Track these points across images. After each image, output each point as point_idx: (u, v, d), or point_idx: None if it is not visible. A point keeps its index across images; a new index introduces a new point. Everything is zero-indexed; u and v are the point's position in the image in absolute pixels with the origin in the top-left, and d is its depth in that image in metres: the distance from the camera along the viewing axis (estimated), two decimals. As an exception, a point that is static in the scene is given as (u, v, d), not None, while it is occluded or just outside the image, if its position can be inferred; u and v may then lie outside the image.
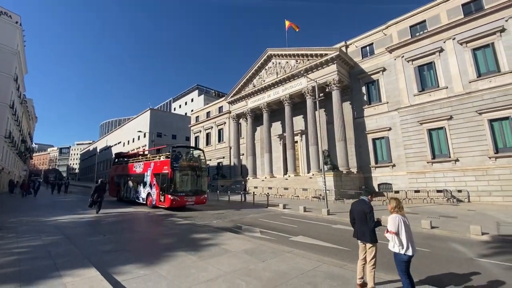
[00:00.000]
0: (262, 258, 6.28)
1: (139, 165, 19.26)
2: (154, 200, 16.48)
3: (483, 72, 18.54)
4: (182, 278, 5.03)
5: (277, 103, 29.81)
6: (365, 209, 4.39)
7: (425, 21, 21.46)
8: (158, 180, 16.40)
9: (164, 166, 16.08)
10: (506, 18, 17.69)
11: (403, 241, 3.81)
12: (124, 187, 20.98)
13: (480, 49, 18.82)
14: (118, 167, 23.23)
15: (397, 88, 22.49)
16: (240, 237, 8.81)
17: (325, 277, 5.03)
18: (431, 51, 20.64)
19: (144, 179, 18.03)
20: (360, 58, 25.56)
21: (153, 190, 16.81)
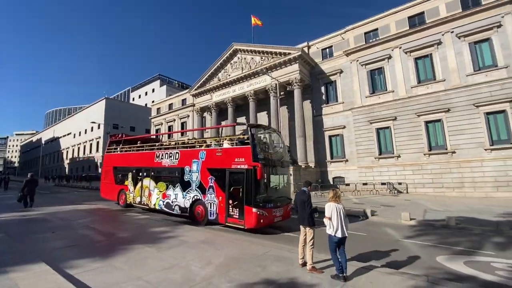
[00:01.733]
0: (218, 247, 6.67)
1: (171, 154, 11.84)
2: (214, 214, 9.59)
3: (422, 79, 21.08)
4: (138, 268, 5.18)
5: (242, 98, 30.13)
6: (304, 198, 5.05)
7: (378, 29, 23.52)
8: (221, 180, 9.59)
9: (238, 157, 9.08)
10: (443, 32, 20.28)
11: (334, 225, 4.52)
12: (135, 187, 13.77)
13: (421, 59, 21.32)
14: (121, 156, 15.45)
15: (351, 89, 24.39)
16: (199, 229, 9.08)
17: (274, 260, 5.62)
18: (382, 58, 22.76)
19: (185, 177, 10.99)
20: (320, 59, 27.03)
21: (210, 197, 9.85)
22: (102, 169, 16.56)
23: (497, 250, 6.86)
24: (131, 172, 14.22)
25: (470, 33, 19.14)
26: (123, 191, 14.72)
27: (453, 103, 19.29)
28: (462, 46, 19.45)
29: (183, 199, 10.96)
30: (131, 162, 14.44)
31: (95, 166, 52.83)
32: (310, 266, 4.88)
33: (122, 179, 15.01)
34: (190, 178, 10.81)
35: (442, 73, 20.10)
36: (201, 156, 10.56)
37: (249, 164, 8.61)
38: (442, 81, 19.98)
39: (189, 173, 10.90)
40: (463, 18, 19.35)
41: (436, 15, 20.68)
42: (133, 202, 13.86)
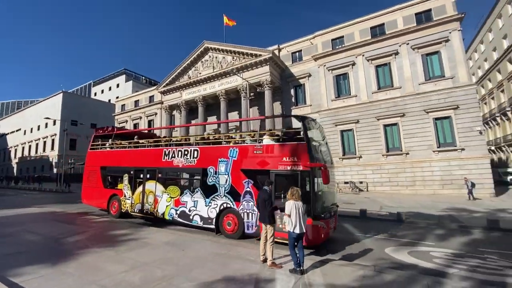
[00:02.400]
0: (182, 247, 6.59)
1: (187, 152, 9.49)
2: (253, 226, 7.60)
3: (382, 85, 22.76)
4: (93, 273, 4.94)
5: (213, 97, 29.84)
6: (265, 197, 5.25)
7: (343, 37, 24.87)
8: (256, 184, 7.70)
9: (288, 156, 7.22)
10: (400, 43, 22.09)
11: (293, 221, 4.76)
12: (134, 192, 11.06)
13: (381, 67, 23.01)
14: (113, 154, 12.44)
15: (319, 93, 25.47)
16: (163, 230, 8.86)
17: (237, 258, 5.73)
18: (346, 64, 24.12)
19: (208, 180, 8.73)
20: (290, 62, 27.80)
21: (247, 205, 7.78)
22: (85, 169, 13.35)
23: (437, 241, 7.72)
24: (128, 173, 11.40)
25: (423, 46, 21.13)
26: (116, 197, 11.66)
27: (408, 108, 21.13)
28: (416, 57, 21.38)
29: (206, 207, 8.63)
30: (127, 161, 11.55)
31: (49, 166, 48.41)
32: (270, 262, 5.07)
33: (114, 182, 12.21)
34: (216, 182, 8.49)
35: (398, 81, 21.90)
36: (232, 154, 8.35)
37: (305, 165, 6.81)
38: (399, 88, 21.76)
39: (214, 175, 8.57)
40: (416, 31, 21.29)
41: (395, 27, 22.48)
42: (131, 210, 10.95)
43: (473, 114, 19.13)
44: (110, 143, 13.06)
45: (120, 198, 11.48)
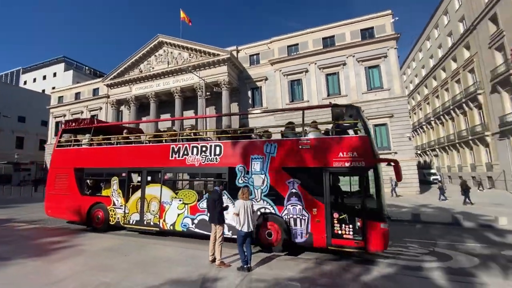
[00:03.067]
0: (125, 253, 6.18)
1: (206, 148, 8.02)
2: (303, 234, 6.45)
3: (331, 93, 24.57)
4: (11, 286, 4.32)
5: (167, 94, 28.50)
6: (215, 198, 5.29)
7: (298, 45, 26.19)
8: (313, 185, 6.66)
9: (345, 151, 6.38)
10: (347, 55, 24.17)
11: (241, 220, 4.88)
12: (128, 199, 8.98)
13: (331, 75, 24.85)
14: (94, 152, 10.06)
15: (274, 96, 26.33)
16: (104, 235, 8.17)
17: (185, 260, 5.62)
18: (300, 70, 25.44)
19: (237, 181, 7.40)
20: (248, 64, 28.16)
21: (293, 209, 6.65)
22: (50, 172, 10.59)
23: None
24: (118, 176, 9.20)
25: (366, 59, 23.47)
26: (99, 206, 9.31)
27: (326, 117, 23.18)
28: (360, 69, 23.64)
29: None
30: (118, 161, 9.29)
31: (-40, 165, 40.30)
32: (218, 262, 5.10)
33: (95, 187, 10.00)
34: (249, 183, 7.20)
35: (345, 89, 23.92)
36: (269, 150, 7.15)
37: (369, 161, 6.12)
38: (345, 96, 23.77)
39: (245, 175, 7.28)
40: (361, 46, 23.55)
41: (343, 40, 24.51)
42: (124, 221, 8.75)
43: (405, 122, 21.96)
44: (89, 138, 10.32)
45: (106, 208, 9.09)
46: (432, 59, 35.52)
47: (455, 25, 28.68)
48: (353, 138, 6.53)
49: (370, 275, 4.88)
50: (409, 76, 45.65)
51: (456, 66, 29.01)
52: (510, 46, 20.40)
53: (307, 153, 6.70)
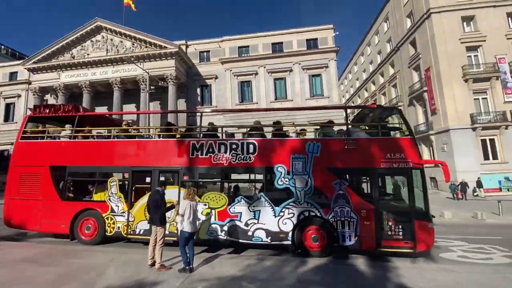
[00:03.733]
0: (48, 263, 5.44)
1: (237, 146, 7.15)
2: (351, 237, 6.34)
3: (278, 96, 25.76)
4: None
5: (105, 85, 25.76)
6: (157, 198, 5.10)
7: (249, 47, 26.71)
8: (361, 186, 7.40)
9: (393, 152, 6.49)
10: (293, 62, 25.66)
11: (186, 221, 4.81)
12: (133, 204, 7.42)
13: (279, 80, 26.04)
14: (81, 147, 8.12)
15: (224, 95, 26.30)
16: (22, 244, 7.04)
17: (121, 266, 5.24)
18: (250, 72, 26.00)
19: (276, 182, 6.80)
20: (198, 61, 27.47)
21: (340, 211, 6.44)
22: (11, 172, 8.24)
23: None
24: (117, 176, 7.90)
25: (310, 68, 25.31)
26: (90, 214, 7.57)
27: (297, 119, 24.62)
28: (305, 76, 25.38)
29: (276, 218, 6.65)
30: (117, 158, 7.76)
31: None
32: (158, 265, 4.92)
33: (82, 190, 8.21)
34: (290, 184, 6.71)
35: (291, 95, 25.36)
36: (311, 149, 6.78)
37: (416, 162, 6.33)
38: (291, 101, 25.21)
39: (286, 176, 6.76)
40: (306, 55, 25.32)
41: (290, 47, 25.96)
42: (127, 232, 7.22)
43: (341, 128, 24.37)
44: (72, 130, 8.37)
45: (101, 215, 7.43)
46: (365, 73, 40.28)
47: (383, 45, 33.10)
48: (399, 140, 6.74)
49: (306, 266, 5.35)
50: (346, 86, 50.86)
51: (383, 80, 33.50)
52: (424, 68, 24.54)
53: (354, 154, 6.60)
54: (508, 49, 21.83)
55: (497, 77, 21.29)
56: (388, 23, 31.68)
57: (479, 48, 22.37)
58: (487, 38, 22.06)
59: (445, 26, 22.63)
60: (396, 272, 5.12)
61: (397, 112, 7.37)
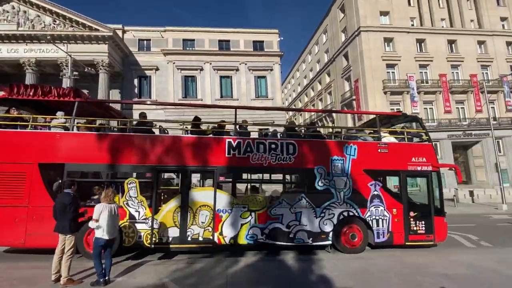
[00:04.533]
0: None
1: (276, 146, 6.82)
2: (384, 233, 6.82)
3: (224, 95, 25.47)
4: None
5: (14, 65, 21.39)
6: (65, 201, 4.37)
7: (195, 41, 25.71)
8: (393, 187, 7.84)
9: (417, 156, 7.27)
10: (240, 62, 25.73)
11: (102, 227, 4.24)
12: (159, 209, 6.17)
13: (225, 78, 25.77)
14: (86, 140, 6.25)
15: (166, 89, 24.72)
16: None
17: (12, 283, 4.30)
18: (195, 67, 25.05)
19: (317, 183, 6.81)
20: (136, 49, 25.13)
21: (375, 210, 6.89)
22: None
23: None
24: (138, 177, 6.75)
25: (256, 69, 25.77)
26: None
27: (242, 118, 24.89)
28: (251, 77, 25.73)
29: (317, 219, 6.70)
30: (136, 156, 6.53)
31: None
32: (65, 280, 4.20)
33: (86, 194, 6.39)
34: (330, 186, 6.85)
35: (237, 94, 25.39)
36: (349, 152, 7.06)
37: (435, 165, 7.27)
38: (236, 100, 25.24)
39: (326, 177, 6.86)
40: (252, 56, 25.69)
41: (238, 46, 25.97)
42: (150, 241, 6.04)
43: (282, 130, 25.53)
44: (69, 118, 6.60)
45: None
46: (306, 79, 43.19)
47: (322, 55, 36.01)
48: (422, 145, 7.66)
49: (237, 266, 5.33)
50: (289, 90, 53.71)
51: (321, 87, 36.46)
52: (354, 79, 27.54)
53: (386, 157, 7.13)
54: (416, 69, 26.26)
55: (407, 92, 25.38)
56: (327, 35, 34.60)
57: (396, 66, 26.31)
58: (402, 58, 26.10)
59: (371, 44, 25.89)
60: (319, 264, 5.53)
61: (418, 120, 8.42)
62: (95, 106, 8.32)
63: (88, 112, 7.57)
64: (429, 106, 26.39)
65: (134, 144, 6.65)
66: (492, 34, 28.07)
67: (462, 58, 27.29)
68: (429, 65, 26.80)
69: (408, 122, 9.50)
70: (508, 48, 28.67)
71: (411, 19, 27.65)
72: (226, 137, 7.03)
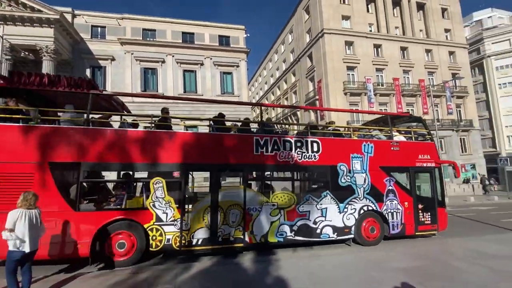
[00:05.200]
0: None
1: (301, 143, 6.91)
2: (398, 225, 7.38)
3: (187, 90, 24.42)
4: None
5: None
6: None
7: (156, 31, 24.20)
8: (403, 182, 7.76)
9: (422, 153, 7.91)
10: (205, 56, 24.88)
11: (20, 237, 3.55)
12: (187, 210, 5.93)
13: (188, 72, 24.71)
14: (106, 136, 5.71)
15: (123, 81, 22.91)
16: None
17: None
18: (156, 59, 23.60)
19: (340, 180, 7.07)
20: (89, 36, 22.84)
21: (390, 204, 7.39)
22: None
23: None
24: (165, 176, 6.14)
25: (222, 65, 25.16)
26: (125, 226, 5.67)
27: (205, 115, 24.13)
28: (216, 72, 25.05)
29: (341, 214, 7.11)
30: (162, 153, 6.13)
31: None
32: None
33: (106, 195, 6.20)
34: (351, 182, 7.29)
35: (201, 89, 24.54)
36: (367, 150, 7.51)
37: (437, 161, 8.07)
38: (201, 95, 24.40)
39: (348, 174, 7.28)
40: (218, 51, 25.03)
41: (202, 40, 25.08)
42: (182, 243, 5.90)
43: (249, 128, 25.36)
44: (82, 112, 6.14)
45: (142, 227, 5.78)
46: (272, 78, 43.62)
47: (288, 54, 36.60)
48: (426, 144, 8.33)
49: (188, 273, 4.95)
50: (256, 88, 53.85)
51: (287, 86, 37.07)
52: (317, 79, 28.40)
53: (397, 154, 7.69)
54: (373, 72, 27.97)
55: (365, 93, 26.94)
56: (292, 35, 35.24)
57: (355, 69, 27.74)
58: (361, 62, 27.60)
59: (334, 46, 26.93)
60: (276, 264, 5.39)
61: (421, 121, 9.16)
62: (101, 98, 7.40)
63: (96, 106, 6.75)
64: (383, 107, 28.33)
65: (161, 141, 6.24)
66: (437, 43, 31.09)
67: (412, 64, 29.78)
68: (385, 69, 28.78)
69: (412, 122, 10.15)
70: (450, 57, 32.03)
71: (370, 25, 29.37)
72: (254, 134, 6.98)
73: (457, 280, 4.54)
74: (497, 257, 5.67)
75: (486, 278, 4.58)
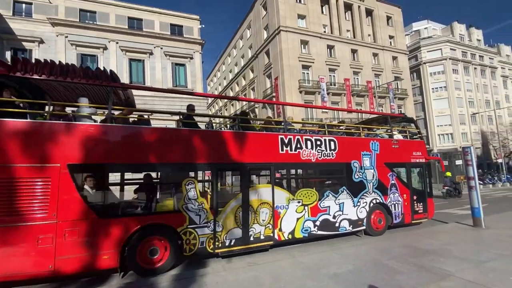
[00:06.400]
0: None
1: (320, 142, 7.30)
2: (399, 215, 8.22)
3: (134, 80, 22.30)
4: None
5: None
6: None
7: (96, 13, 21.58)
8: (401, 176, 8.63)
9: (415, 150, 8.84)
10: (155, 46, 23.00)
11: None
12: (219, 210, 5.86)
13: (135, 61, 22.60)
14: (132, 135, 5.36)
15: (55, 68, 19.97)
16: None
17: None
18: (97, 45, 21.06)
19: (354, 176, 7.67)
20: (10, 13, 19.37)
21: (393, 197, 8.21)
22: None
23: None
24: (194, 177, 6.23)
25: (174, 55, 23.54)
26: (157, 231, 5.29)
27: (155, 108, 22.36)
28: (167, 63, 23.37)
29: (355, 207, 7.55)
30: (192, 153, 5.83)
31: None
32: None
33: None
34: (363, 177, 7.76)
35: (150, 81, 22.66)
36: (374, 147, 8.03)
37: (426, 157, 8.97)
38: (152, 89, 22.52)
39: (360, 170, 7.72)
40: (169, 40, 23.37)
41: (152, 28, 23.15)
42: (215, 245, 5.74)
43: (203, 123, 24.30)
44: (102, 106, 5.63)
45: (175, 231, 5.35)
46: (231, 73, 42.81)
47: (246, 50, 36.13)
48: (418, 142, 9.22)
49: None
50: (215, 83, 52.46)
51: (245, 83, 36.64)
52: (274, 76, 28.44)
53: (397, 151, 8.42)
54: (326, 72, 29.03)
55: (319, 92, 27.83)
56: (250, 31, 34.84)
57: (310, 68, 28.48)
58: (315, 61, 28.41)
59: (290, 44, 27.21)
60: (201, 281, 4.69)
61: (413, 121, 10.05)
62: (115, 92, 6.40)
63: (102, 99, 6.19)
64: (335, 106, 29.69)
65: (191, 139, 5.94)
66: (382, 48, 33.60)
67: (361, 66, 31.70)
68: (337, 69, 30.11)
69: (405, 122, 10.80)
70: (394, 61, 34.93)
71: (324, 26, 30.40)
72: (279, 133, 7.06)
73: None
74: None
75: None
